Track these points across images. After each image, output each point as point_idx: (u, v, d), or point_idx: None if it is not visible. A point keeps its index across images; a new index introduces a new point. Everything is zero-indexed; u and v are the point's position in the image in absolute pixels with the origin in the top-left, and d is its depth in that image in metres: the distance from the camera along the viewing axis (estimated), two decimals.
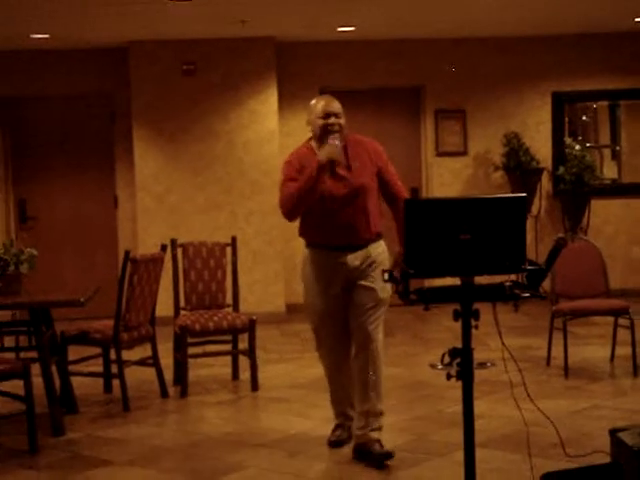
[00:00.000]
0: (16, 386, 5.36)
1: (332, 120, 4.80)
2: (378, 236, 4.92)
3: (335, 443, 5.06)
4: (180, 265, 6.81)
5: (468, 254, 3.49)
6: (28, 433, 5.19)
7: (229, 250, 6.95)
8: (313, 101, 4.95)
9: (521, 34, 9.90)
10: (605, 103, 10.47)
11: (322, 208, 4.76)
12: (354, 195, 4.80)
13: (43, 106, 9.95)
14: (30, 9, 7.77)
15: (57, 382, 5.82)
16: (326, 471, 4.77)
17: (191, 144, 9.52)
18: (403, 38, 9.90)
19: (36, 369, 5.46)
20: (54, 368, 5.82)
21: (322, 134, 4.81)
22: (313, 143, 4.90)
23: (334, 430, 5.13)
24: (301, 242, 5.00)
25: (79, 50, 9.70)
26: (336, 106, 4.86)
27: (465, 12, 8.65)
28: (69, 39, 9.26)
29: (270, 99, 9.53)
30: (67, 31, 8.85)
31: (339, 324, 4.91)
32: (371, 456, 4.76)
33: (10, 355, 6.06)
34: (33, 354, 5.84)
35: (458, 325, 3.64)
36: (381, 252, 4.91)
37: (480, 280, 3.59)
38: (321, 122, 4.81)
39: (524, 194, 3.73)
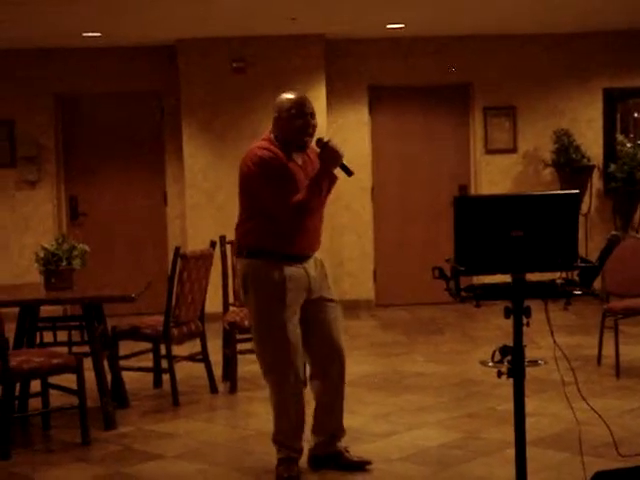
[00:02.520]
0: (69, 380, 5.44)
1: (310, 121, 4.41)
2: None
3: (293, 479, 4.52)
4: (229, 262, 6.85)
5: (520, 251, 3.47)
6: (80, 426, 5.27)
7: None
8: (286, 97, 4.51)
9: (571, 30, 9.80)
10: None
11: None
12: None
13: (94, 104, 10.07)
14: (82, 8, 7.86)
15: (108, 377, 5.89)
16: (374, 466, 4.76)
17: (240, 142, 9.55)
18: (452, 35, 9.85)
19: (88, 363, 5.53)
20: (105, 363, 5.89)
21: (295, 136, 4.42)
22: (272, 138, 4.49)
23: (289, 465, 4.54)
24: (349, 238, 4.89)
25: (130, 48, 9.80)
26: (310, 104, 4.47)
27: (513, 8, 8.58)
28: (120, 37, 9.36)
29: (319, 96, 9.53)
30: (118, 29, 8.94)
31: (299, 345, 4.50)
32: (351, 463, 4.68)
33: (63, 349, 6.13)
34: (85, 349, 5.91)
35: (506, 323, 3.62)
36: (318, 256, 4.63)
37: (530, 277, 3.57)
38: (297, 122, 4.40)
39: (577, 190, 3.70)
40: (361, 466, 4.71)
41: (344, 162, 4.44)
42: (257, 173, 4.43)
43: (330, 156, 4.38)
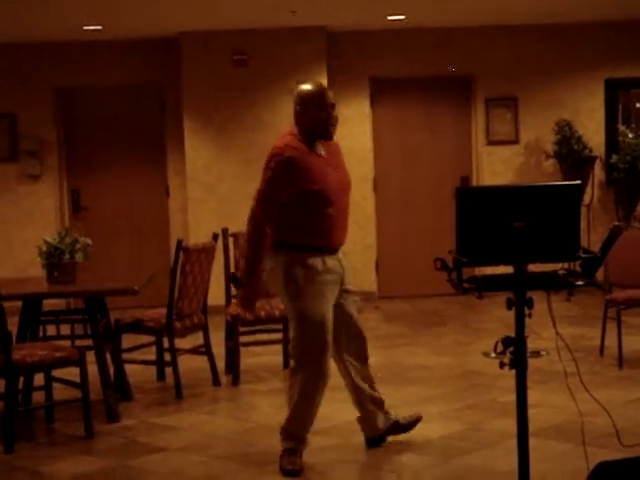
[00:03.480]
0: (72, 373, 5.45)
1: (330, 112, 4.41)
2: None
3: (296, 473, 4.53)
4: (231, 254, 6.85)
5: (522, 242, 3.46)
6: (84, 419, 5.28)
7: None
8: (304, 87, 4.48)
9: (573, 20, 9.78)
10: None
11: (330, 206, 4.42)
12: (347, 189, 4.58)
13: (95, 97, 10.07)
14: (83, 1, 7.86)
15: (111, 370, 5.90)
16: (378, 458, 4.77)
17: (241, 134, 9.56)
18: (453, 26, 9.83)
19: (91, 357, 5.54)
20: (108, 356, 5.90)
21: (319, 129, 4.43)
22: (296, 132, 4.49)
23: (294, 457, 4.57)
24: (351, 230, 4.86)
25: (131, 41, 9.79)
26: (332, 96, 4.47)
27: None
28: (121, 30, 9.36)
29: None
30: (119, 22, 8.93)
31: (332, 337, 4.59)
32: (409, 425, 4.89)
33: (66, 343, 6.14)
34: (88, 342, 5.92)
35: (508, 315, 3.62)
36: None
37: (532, 269, 3.57)
38: (320, 115, 4.40)
39: (579, 181, 3.69)
40: (416, 422, 4.89)
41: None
42: (265, 167, 4.50)
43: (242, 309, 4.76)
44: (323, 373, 4.56)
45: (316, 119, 4.43)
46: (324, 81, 9.50)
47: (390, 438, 4.97)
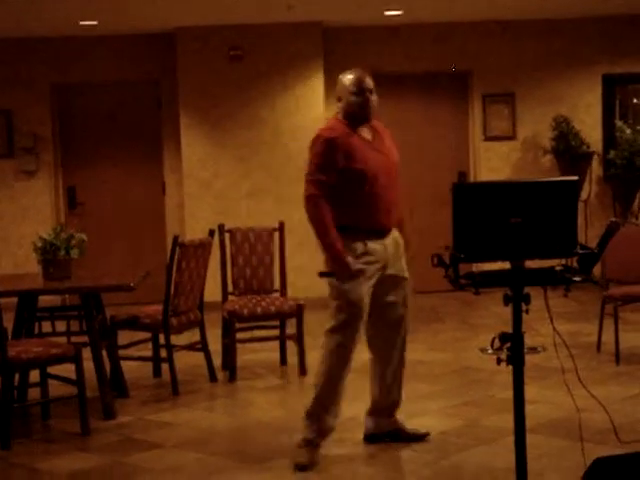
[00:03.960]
0: (68, 370, 5.43)
1: (368, 96, 4.57)
2: None
3: (306, 467, 4.54)
4: (228, 250, 6.84)
5: (519, 238, 3.45)
6: (80, 416, 5.26)
7: (276, 235, 6.96)
8: (344, 75, 4.67)
9: (570, 15, 9.76)
10: None
11: (372, 186, 4.51)
12: (393, 173, 4.68)
13: (91, 92, 10.04)
14: None
15: (107, 366, 5.89)
16: (376, 454, 4.76)
17: (238, 130, 9.54)
18: (450, 22, 9.81)
19: (87, 353, 5.53)
20: (104, 352, 5.88)
21: (357, 113, 4.58)
22: (339, 117, 4.64)
23: (312, 450, 4.59)
24: None
25: (126, 36, 9.77)
26: (369, 81, 4.62)
27: None
28: (117, 25, 9.33)
29: (317, 85, 9.51)
30: (115, 17, 8.91)
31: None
32: (413, 437, 4.84)
33: (61, 339, 6.12)
34: (84, 338, 5.90)
35: (506, 311, 3.60)
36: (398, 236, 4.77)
37: (530, 264, 3.56)
38: (357, 100, 4.57)
39: (576, 177, 3.68)
40: (422, 437, 4.84)
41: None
42: (311, 149, 4.58)
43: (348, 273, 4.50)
44: (350, 347, 4.58)
45: (354, 103, 4.58)
46: (320, 77, 9.49)
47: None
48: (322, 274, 4.63)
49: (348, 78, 4.64)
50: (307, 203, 4.54)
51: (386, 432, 4.88)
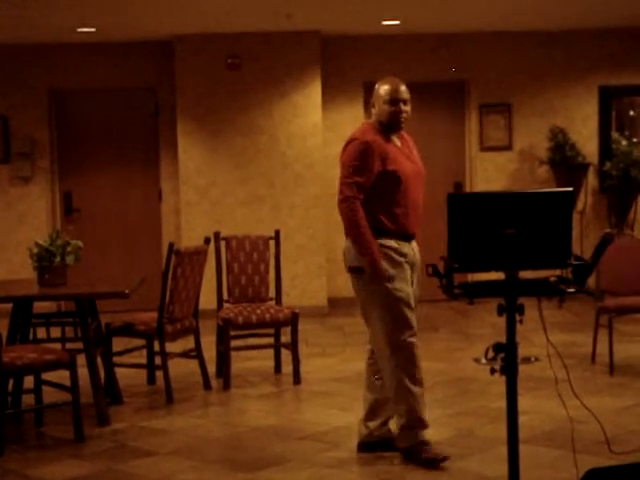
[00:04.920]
0: (62, 376, 5.43)
1: (401, 107, 4.65)
2: None
3: (443, 458, 4.64)
4: (223, 258, 6.84)
5: (513, 248, 3.46)
6: (74, 423, 5.25)
7: (272, 243, 6.97)
8: (381, 84, 4.73)
9: (567, 27, 9.79)
10: None
11: (405, 189, 4.60)
12: (421, 181, 4.76)
13: (89, 99, 10.04)
14: (76, 3, 7.84)
15: (102, 373, 5.88)
16: (368, 463, 4.76)
17: (235, 138, 9.56)
18: (448, 32, 9.84)
19: (81, 360, 5.51)
20: (99, 359, 5.88)
21: (389, 122, 4.66)
22: (371, 123, 4.73)
23: (429, 446, 4.69)
24: (344, 236, 4.85)
25: (124, 44, 9.78)
26: (403, 91, 4.68)
27: (509, 5, 8.57)
28: (115, 33, 9.35)
29: (314, 93, 9.53)
30: (113, 25, 8.92)
31: None
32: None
33: (56, 346, 6.12)
34: (79, 345, 5.90)
35: (500, 321, 3.61)
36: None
37: (524, 275, 3.57)
38: (389, 109, 4.65)
39: (571, 188, 3.69)
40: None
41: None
42: (347, 154, 4.62)
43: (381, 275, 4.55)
44: (411, 351, 4.61)
45: (387, 112, 4.65)
46: (318, 85, 9.51)
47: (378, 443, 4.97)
48: (352, 269, 4.64)
49: (383, 87, 4.70)
50: (342, 205, 4.57)
51: (379, 440, 4.87)
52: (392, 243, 4.59)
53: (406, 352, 4.63)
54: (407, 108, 4.69)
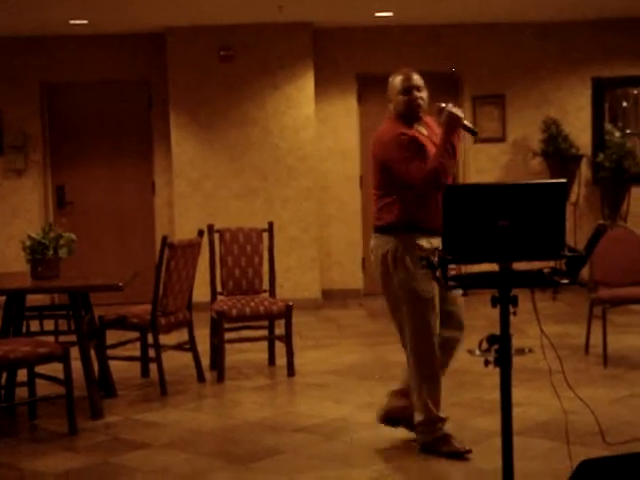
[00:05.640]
0: (55, 369, 5.42)
1: (415, 94, 4.63)
2: None
3: (465, 451, 4.67)
4: (217, 251, 6.83)
5: (507, 240, 3.46)
6: (67, 416, 5.25)
7: (266, 236, 6.96)
8: (392, 77, 4.72)
9: (560, 19, 9.78)
10: None
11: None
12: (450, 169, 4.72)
13: (81, 92, 10.01)
14: None
15: (95, 366, 5.87)
16: (361, 455, 4.76)
17: (227, 130, 9.54)
18: (441, 23, 9.82)
19: (75, 353, 5.51)
20: (93, 352, 5.87)
21: (407, 111, 4.64)
22: (393, 118, 4.69)
23: (450, 439, 4.70)
24: (337, 227, 4.86)
25: (117, 36, 9.75)
26: (416, 79, 4.66)
27: None
28: (107, 25, 9.31)
29: (307, 85, 9.51)
30: (105, 17, 8.89)
31: None
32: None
33: (50, 339, 6.11)
34: (72, 338, 5.89)
35: (494, 312, 3.61)
36: None
37: (518, 267, 3.57)
38: (403, 98, 4.63)
39: (564, 180, 3.69)
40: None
41: (466, 123, 4.63)
42: (390, 150, 4.59)
43: (450, 120, 4.55)
44: (431, 346, 4.68)
45: (402, 102, 4.64)
46: (310, 77, 9.49)
47: (372, 435, 4.97)
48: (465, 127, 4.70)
49: (396, 79, 4.69)
50: (423, 186, 4.50)
51: (404, 418, 4.83)
52: (424, 242, 4.52)
53: (426, 352, 4.67)
54: (422, 94, 4.66)
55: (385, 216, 4.67)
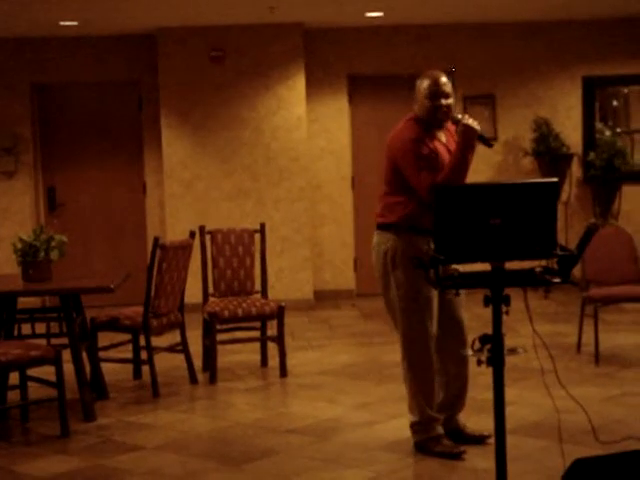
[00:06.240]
0: (47, 372, 5.41)
1: (441, 102, 4.56)
2: None
3: (459, 452, 4.65)
4: (208, 252, 6.83)
5: (498, 239, 3.47)
6: (60, 418, 5.23)
7: (257, 237, 6.95)
8: (422, 79, 4.64)
9: (551, 18, 9.80)
10: (637, 88, 10.33)
11: None
12: None
13: (72, 93, 9.99)
14: None
15: (87, 368, 5.86)
16: (354, 456, 4.76)
17: (219, 131, 9.53)
18: (431, 23, 9.83)
19: (67, 355, 5.49)
20: (84, 354, 5.86)
21: (430, 118, 4.60)
22: (413, 118, 4.66)
23: (443, 439, 4.71)
24: (330, 228, 4.87)
25: (107, 37, 9.73)
26: (444, 85, 4.59)
27: None
28: (98, 26, 9.29)
29: (298, 85, 9.51)
30: (96, 18, 8.86)
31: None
32: (471, 437, 4.82)
33: (41, 341, 6.09)
34: (64, 340, 5.87)
35: (487, 312, 3.62)
36: None
37: (510, 266, 3.57)
38: (429, 104, 4.58)
39: (556, 179, 3.69)
40: (481, 440, 4.78)
41: (482, 134, 4.55)
42: (404, 153, 4.58)
43: (466, 133, 4.48)
44: (427, 347, 4.66)
45: (427, 107, 4.60)
46: (302, 77, 9.49)
47: (365, 435, 4.97)
48: (481, 138, 4.57)
49: (423, 81, 4.64)
50: (430, 194, 4.38)
51: (447, 430, 4.82)
52: (425, 246, 4.49)
53: (420, 352, 4.66)
54: (449, 101, 4.59)
55: (389, 215, 4.68)
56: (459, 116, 4.55)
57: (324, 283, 9.89)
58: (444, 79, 4.61)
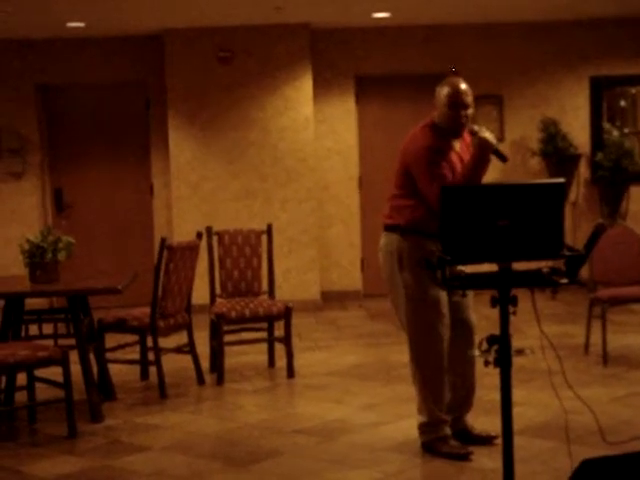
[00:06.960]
0: (55, 373, 5.42)
1: (461, 113, 4.54)
2: None
3: (466, 453, 4.65)
4: (216, 253, 6.83)
5: (506, 240, 3.46)
6: (67, 419, 5.24)
7: (264, 238, 6.95)
8: (442, 86, 4.65)
9: (558, 18, 9.78)
10: None
11: None
12: None
13: (79, 94, 10.00)
14: None
15: (94, 369, 5.86)
16: (360, 457, 4.76)
17: (226, 132, 9.53)
18: (438, 24, 9.82)
19: (74, 356, 5.50)
20: (92, 355, 5.86)
21: (448, 127, 4.59)
22: (430, 125, 4.66)
23: (450, 440, 4.71)
24: (337, 228, 4.87)
25: (114, 38, 9.74)
26: (465, 94, 4.57)
27: None
28: (105, 27, 9.30)
29: (305, 86, 9.50)
30: (103, 19, 8.88)
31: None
32: (479, 438, 4.81)
33: (49, 342, 6.10)
34: (71, 341, 5.88)
35: (494, 312, 3.61)
36: None
37: (517, 267, 3.56)
38: (448, 113, 4.57)
39: (563, 179, 3.68)
40: (488, 441, 4.77)
41: (497, 148, 4.53)
42: (418, 161, 4.58)
43: (481, 146, 4.46)
44: (440, 355, 4.64)
45: (447, 116, 4.59)
46: (309, 78, 9.49)
47: (372, 436, 4.96)
48: (496, 152, 4.53)
49: (443, 89, 4.63)
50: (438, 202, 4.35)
51: (454, 431, 4.82)
52: (433, 248, 4.39)
53: (428, 353, 4.66)
54: (468, 112, 4.57)
55: (397, 216, 4.68)
56: (476, 128, 4.52)
57: (331, 284, 9.89)
58: (464, 87, 4.59)
